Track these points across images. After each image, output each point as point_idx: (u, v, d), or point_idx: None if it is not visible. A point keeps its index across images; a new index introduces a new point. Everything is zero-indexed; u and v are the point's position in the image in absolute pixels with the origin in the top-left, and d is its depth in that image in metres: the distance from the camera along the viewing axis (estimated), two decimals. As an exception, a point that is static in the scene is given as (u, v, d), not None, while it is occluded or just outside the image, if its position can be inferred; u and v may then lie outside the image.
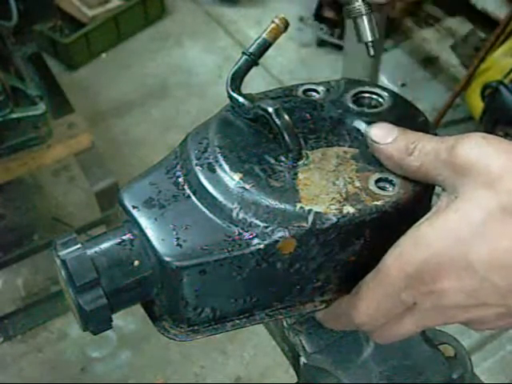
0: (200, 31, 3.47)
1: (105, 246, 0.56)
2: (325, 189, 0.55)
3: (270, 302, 0.58)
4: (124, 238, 0.56)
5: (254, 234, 0.54)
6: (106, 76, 3.20)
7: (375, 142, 0.57)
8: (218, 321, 0.58)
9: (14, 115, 1.96)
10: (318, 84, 0.66)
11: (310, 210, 0.53)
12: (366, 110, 0.62)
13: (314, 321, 0.68)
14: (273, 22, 0.62)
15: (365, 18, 0.64)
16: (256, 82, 2.79)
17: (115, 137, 2.91)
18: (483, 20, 3.05)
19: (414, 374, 0.70)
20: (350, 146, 0.59)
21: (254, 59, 0.62)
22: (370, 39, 0.64)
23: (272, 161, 0.57)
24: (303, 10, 3.33)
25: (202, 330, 0.58)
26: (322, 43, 3.19)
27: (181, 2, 3.63)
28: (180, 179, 0.58)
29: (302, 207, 0.53)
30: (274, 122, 0.56)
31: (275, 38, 0.63)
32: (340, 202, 0.54)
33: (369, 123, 0.59)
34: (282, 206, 0.54)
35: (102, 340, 2.25)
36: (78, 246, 0.55)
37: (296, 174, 0.56)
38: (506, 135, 2.42)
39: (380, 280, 0.53)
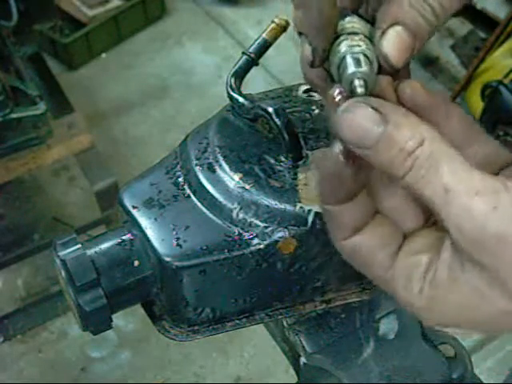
0: (200, 31, 3.46)
1: (105, 246, 0.56)
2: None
3: (270, 302, 0.58)
4: (124, 238, 0.56)
5: (254, 234, 0.54)
6: (106, 76, 3.20)
7: (349, 143, 0.39)
8: (217, 321, 0.58)
9: (14, 115, 1.96)
10: (318, 84, 0.65)
11: (309, 210, 0.53)
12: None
13: (314, 321, 0.68)
14: (273, 21, 0.62)
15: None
16: (256, 82, 2.79)
17: (115, 137, 2.91)
18: (483, 20, 3.05)
19: (414, 374, 0.70)
20: (349, 146, 0.59)
21: (254, 59, 0.62)
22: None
23: (272, 161, 0.57)
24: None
25: (202, 330, 0.58)
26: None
27: (181, 2, 3.63)
28: (180, 179, 0.58)
29: (302, 207, 0.53)
30: (274, 122, 0.56)
31: (275, 38, 0.63)
32: (340, 202, 0.54)
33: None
34: (282, 206, 0.54)
35: (102, 340, 2.24)
36: (78, 246, 0.55)
37: (296, 174, 0.56)
38: (505, 135, 2.42)
39: None
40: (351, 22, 0.44)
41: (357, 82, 0.41)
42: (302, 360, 0.70)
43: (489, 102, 2.43)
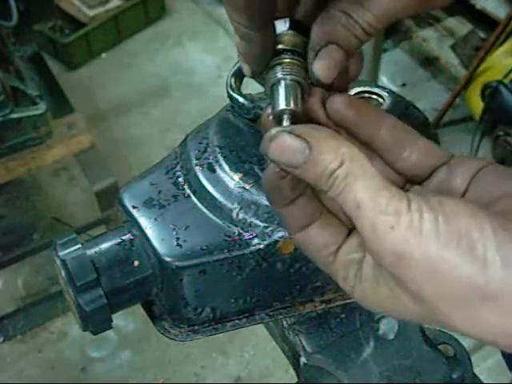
0: (200, 31, 3.46)
1: (105, 246, 0.56)
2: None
3: (270, 302, 0.58)
4: (124, 238, 0.56)
5: (254, 234, 0.54)
6: (105, 76, 3.20)
7: (278, 165, 0.43)
8: (218, 321, 0.58)
9: (14, 115, 1.96)
10: (318, 84, 0.65)
11: (309, 210, 0.53)
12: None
13: (314, 321, 0.68)
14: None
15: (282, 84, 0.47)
16: (256, 82, 2.79)
17: (115, 137, 2.91)
18: (483, 20, 3.05)
19: (414, 373, 0.70)
20: (349, 146, 0.59)
21: (253, 59, 0.62)
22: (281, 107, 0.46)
23: (272, 161, 0.57)
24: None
25: (202, 330, 0.58)
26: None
27: (181, 2, 3.63)
28: (180, 179, 0.58)
29: (301, 207, 0.53)
30: (274, 122, 0.56)
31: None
32: (340, 202, 0.54)
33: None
34: (282, 206, 0.54)
35: (102, 340, 2.24)
36: (78, 246, 0.55)
37: (296, 174, 0.56)
38: (506, 135, 2.42)
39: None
40: (287, 35, 0.47)
41: (285, 117, 0.45)
42: (302, 360, 0.70)
43: (489, 102, 2.43)
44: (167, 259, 0.54)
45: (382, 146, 0.47)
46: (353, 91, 0.64)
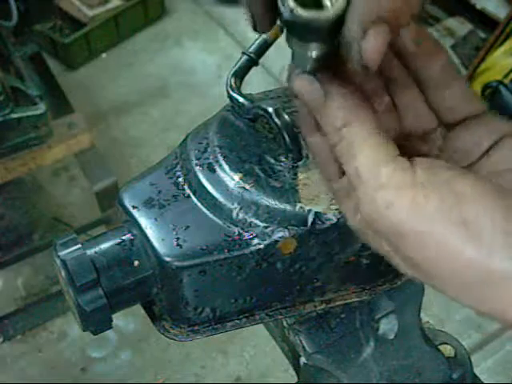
0: (200, 31, 3.46)
1: (105, 246, 0.56)
2: (325, 189, 0.55)
3: (270, 302, 0.58)
4: (124, 238, 0.56)
5: (254, 234, 0.54)
6: (106, 76, 3.20)
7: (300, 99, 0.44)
8: (218, 321, 0.58)
9: (14, 115, 1.96)
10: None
11: (309, 210, 0.53)
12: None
13: (314, 321, 0.68)
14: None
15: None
16: (256, 82, 2.79)
17: (115, 137, 2.90)
18: (483, 20, 3.05)
19: (414, 373, 0.70)
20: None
21: (254, 59, 0.62)
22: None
23: (272, 161, 0.57)
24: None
25: (202, 330, 0.58)
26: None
27: (181, 2, 3.63)
28: (180, 179, 0.58)
29: (301, 207, 0.54)
30: (274, 121, 0.56)
31: (275, 38, 0.63)
32: (340, 202, 0.54)
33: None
34: (282, 206, 0.54)
35: (102, 340, 2.24)
36: (78, 246, 0.55)
37: (296, 174, 0.56)
38: (505, 135, 2.42)
39: None
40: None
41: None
42: (302, 360, 0.70)
43: (489, 102, 2.43)
44: (167, 259, 0.54)
45: (429, 79, 0.45)
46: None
